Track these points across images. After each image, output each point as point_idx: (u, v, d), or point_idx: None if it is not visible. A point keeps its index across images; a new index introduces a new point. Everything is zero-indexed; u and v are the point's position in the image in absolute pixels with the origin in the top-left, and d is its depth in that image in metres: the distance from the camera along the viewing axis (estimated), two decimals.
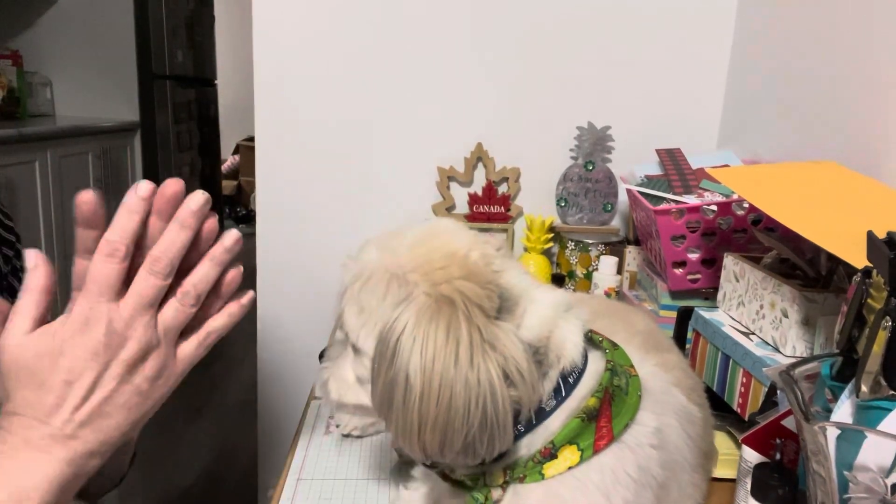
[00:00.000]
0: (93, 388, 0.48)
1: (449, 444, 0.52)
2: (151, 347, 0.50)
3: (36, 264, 0.50)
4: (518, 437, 0.56)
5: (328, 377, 0.66)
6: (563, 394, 0.57)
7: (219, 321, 0.55)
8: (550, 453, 0.56)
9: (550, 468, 0.56)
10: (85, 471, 0.48)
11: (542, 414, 0.57)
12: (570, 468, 0.56)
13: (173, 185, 0.50)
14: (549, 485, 0.56)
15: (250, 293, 0.57)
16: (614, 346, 0.64)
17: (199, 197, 0.51)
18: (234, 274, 0.55)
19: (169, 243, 0.50)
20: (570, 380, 0.58)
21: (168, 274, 0.50)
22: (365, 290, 0.58)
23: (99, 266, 0.49)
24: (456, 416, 0.51)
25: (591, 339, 0.62)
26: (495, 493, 0.58)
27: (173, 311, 0.51)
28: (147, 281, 0.49)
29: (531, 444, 0.57)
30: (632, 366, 0.63)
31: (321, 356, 0.69)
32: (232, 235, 0.53)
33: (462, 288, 0.54)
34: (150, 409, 0.51)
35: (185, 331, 0.53)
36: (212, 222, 0.52)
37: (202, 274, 0.52)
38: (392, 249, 0.59)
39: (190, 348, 0.53)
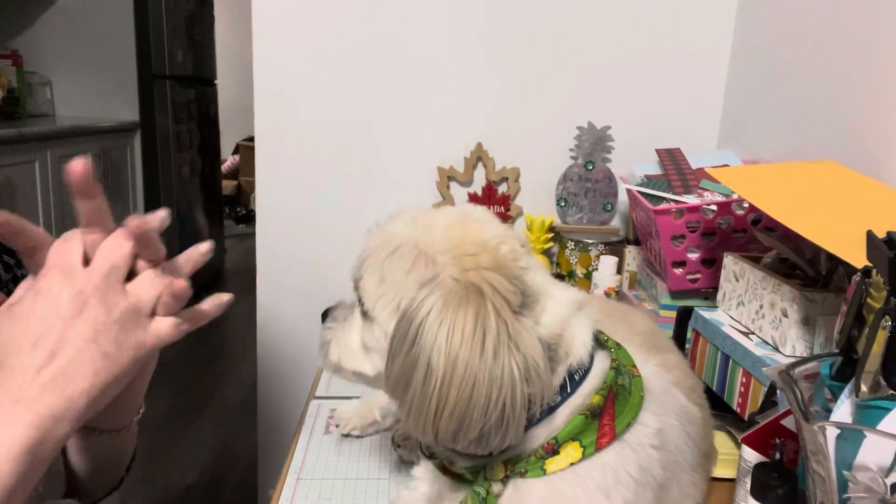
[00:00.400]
0: (57, 348, 0.48)
1: (464, 433, 0.52)
2: (118, 309, 0.50)
3: None
4: (524, 430, 0.56)
5: (331, 339, 0.65)
6: (569, 390, 0.57)
7: (203, 308, 0.55)
8: (553, 449, 0.56)
9: (552, 464, 0.56)
10: (54, 437, 0.47)
11: (547, 409, 0.57)
12: (571, 464, 0.56)
13: (78, 164, 0.51)
14: (551, 480, 0.56)
15: (230, 295, 0.57)
16: (618, 345, 0.64)
17: (160, 213, 0.53)
18: (186, 285, 0.54)
19: (139, 221, 0.52)
20: (576, 377, 0.58)
21: (132, 238, 0.51)
22: (390, 261, 0.58)
23: (58, 244, 0.51)
24: (476, 406, 0.51)
25: (597, 339, 0.62)
26: (496, 487, 0.58)
27: (147, 281, 0.51)
28: (115, 248, 0.51)
29: (535, 438, 0.57)
30: (634, 366, 0.63)
31: (324, 315, 0.69)
32: (206, 244, 0.55)
33: (491, 279, 0.54)
34: (117, 377, 0.50)
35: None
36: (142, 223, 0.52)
37: (179, 262, 0.55)
38: (425, 226, 0.59)
39: (164, 326, 0.52)
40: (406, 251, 0.57)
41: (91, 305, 0.49)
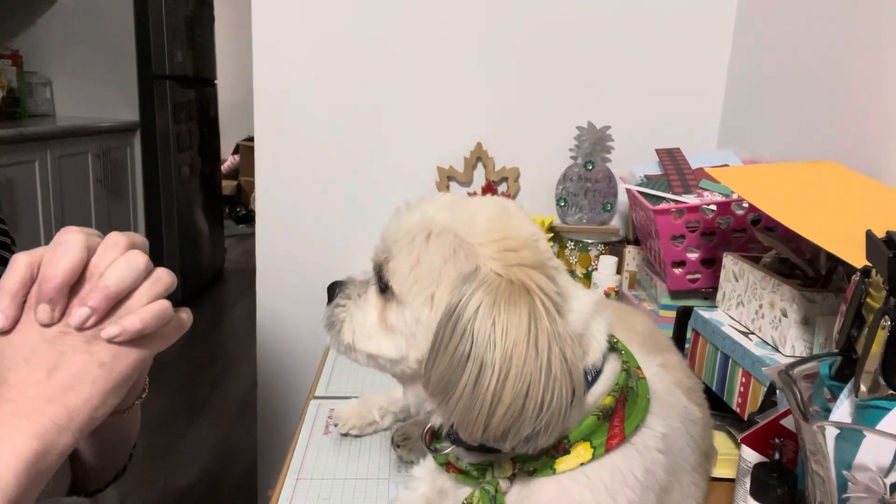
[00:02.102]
0: (56, 361, 0.48)
1: (515, 431, 0.52)
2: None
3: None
4: None
5: (344, 318, 0.63)
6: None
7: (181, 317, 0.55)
8: (565, 448, 0.56)
9: (562, 463, 0.56)
10: (57, 447, 0.47)
11: None
12: (581, 465, 0.56)
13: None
14: (560, 480, 0.56)
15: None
16: (625, 347, 0.64)
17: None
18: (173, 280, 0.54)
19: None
20: (589, 378, 0.58)
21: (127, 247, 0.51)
22: (426, 246, 0.56)
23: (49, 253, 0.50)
24: (531, 405, 0.51)
25: (608, 341, 0.62)
26: (503, 485, 0.58)
27: (141, 291, 0.51)
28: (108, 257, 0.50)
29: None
30: (639, 368, 0.63)
31: (331, 292, 0.66)
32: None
33: (536, 279, 0.54)
34: (116, 385, 0.50)
35: None
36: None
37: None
38: (466, 215, 0.58)
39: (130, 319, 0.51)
40: (446, 239, 0.56)
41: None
